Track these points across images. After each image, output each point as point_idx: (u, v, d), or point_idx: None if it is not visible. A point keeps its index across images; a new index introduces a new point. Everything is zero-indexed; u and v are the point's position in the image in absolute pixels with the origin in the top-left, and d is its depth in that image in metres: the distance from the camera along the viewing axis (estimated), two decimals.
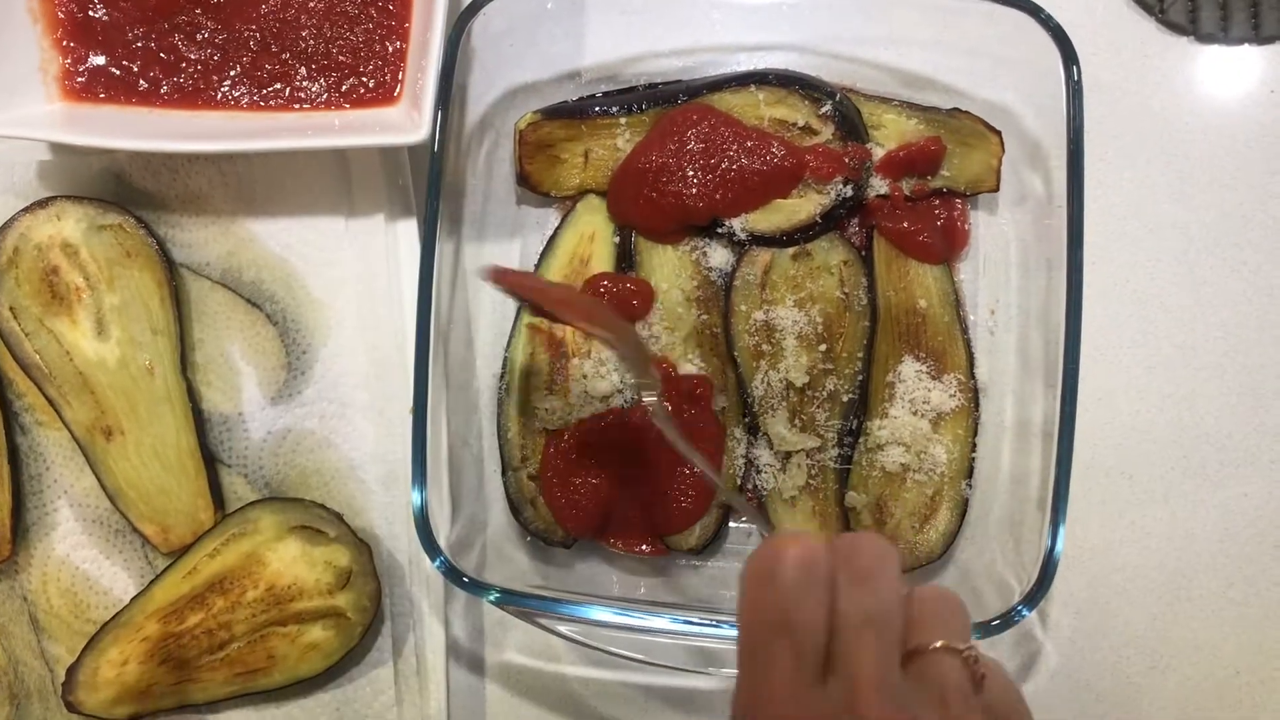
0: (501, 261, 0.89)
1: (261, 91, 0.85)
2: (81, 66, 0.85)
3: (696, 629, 0.74)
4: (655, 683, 0.87)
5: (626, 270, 0.87)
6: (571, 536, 0.84)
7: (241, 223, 0.89)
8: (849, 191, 0.83)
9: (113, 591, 0.88)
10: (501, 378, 0.86)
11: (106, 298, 0.85)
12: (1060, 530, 0.74)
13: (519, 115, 0.87)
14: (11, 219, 0.86)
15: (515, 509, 0.85)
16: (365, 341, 0.88)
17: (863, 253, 0.86)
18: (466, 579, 0.77)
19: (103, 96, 0.85)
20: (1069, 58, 0.78)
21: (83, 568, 0.88)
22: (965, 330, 0.85)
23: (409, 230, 0.88)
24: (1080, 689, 0.86)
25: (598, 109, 0.86)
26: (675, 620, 0.75)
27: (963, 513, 0.83)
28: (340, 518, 0.84)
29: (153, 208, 0.89)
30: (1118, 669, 0.86)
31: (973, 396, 0.84)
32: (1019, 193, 0.87)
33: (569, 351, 0.86)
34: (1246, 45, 0.90)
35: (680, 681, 0.86)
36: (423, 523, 0.77)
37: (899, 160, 0.84)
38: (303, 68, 0.85)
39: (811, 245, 0.85)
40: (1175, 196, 0.89)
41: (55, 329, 0.85)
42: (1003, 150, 0.85)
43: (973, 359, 0.85)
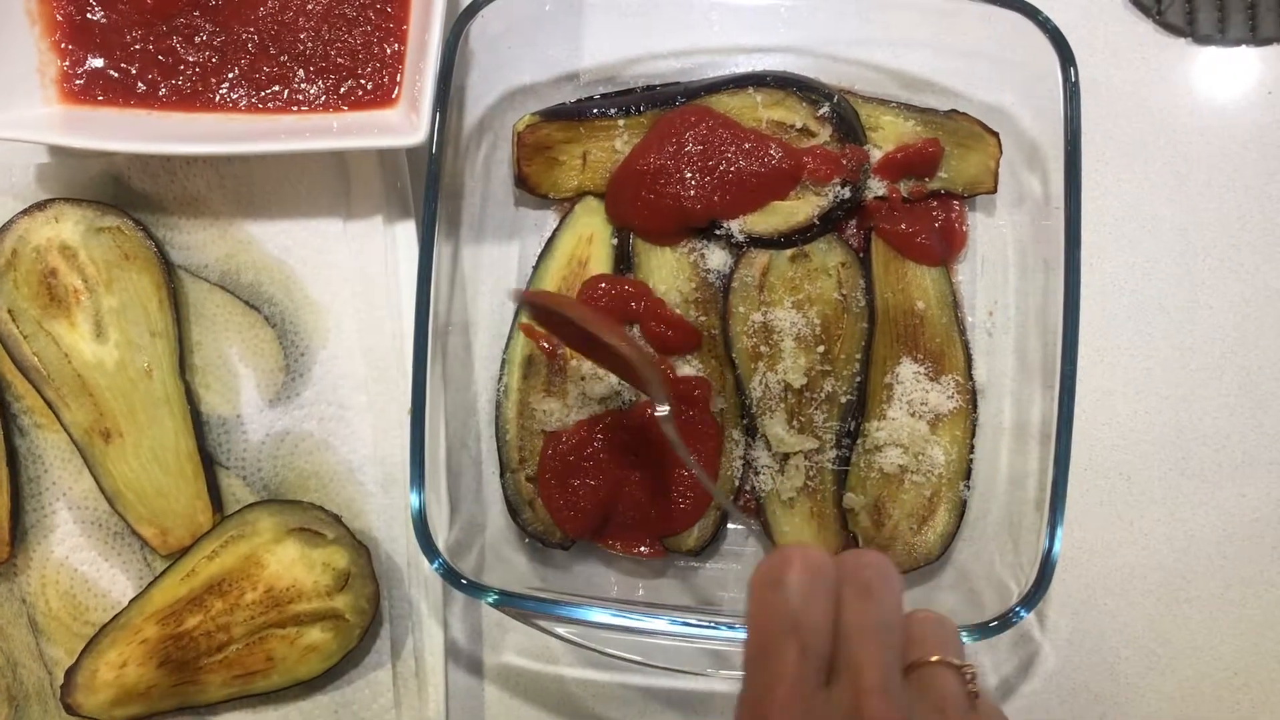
0: (500, 263, 0.89)
1: (260, 94, 0.85)
2: (80, 69, 0.85)
3: (695, 631, 0.74)
4: (654, 684, 0.87)
5: (624, 272, 0.87)
6: (570, 538, 0.84)
7: (240, 225, 0.89)
8: (847, 193, 0.83)
9: (111, 594, 0.88)
10: (500, 380, 0.86)
11: (105, 300, 0.85)
12: (1058, 531, 0.74)
13: (517, 117, 0.87)
14: (10, 221, 0.86)
15: (514, 511, 0.85)
16: (363, 344, 0.88)
17: (861, 254, 0.86)
18: (465, 581, 0.77)
19: (101, 99, 0.85)
20: (1066, 59, 0.78)
21: (81, 570, 0.88)
22: (963, 331, 0.85)
23: (407, 232, 0.88)
24: (1078, 690, 0.86)
25: (596, 111, 0.86)
26: (674, 622, 0.75)
27: (961, 514, 0.83)
28: (339, 520, 0.84)
29: (151, 210, 0.89)
30: (1116, 670, 0.86)
31: (971, 398, 0.84)
32: (1017, 194, 0.87)
33: (567, 353, 0.86)
34: (1244, 46, 0.90)
35: (679, 683, 0.86)
36: (421, 524, 0.77)
37: (897, 162, 0.84)
38: (301, 70, 0.85)
39: (809, 247, 0.85)
40: (1173, 197, 0.89)
41: (54, 331, 0.85)
42: (1000, 152, 0.85)
43: (971, 360, 0.85)
